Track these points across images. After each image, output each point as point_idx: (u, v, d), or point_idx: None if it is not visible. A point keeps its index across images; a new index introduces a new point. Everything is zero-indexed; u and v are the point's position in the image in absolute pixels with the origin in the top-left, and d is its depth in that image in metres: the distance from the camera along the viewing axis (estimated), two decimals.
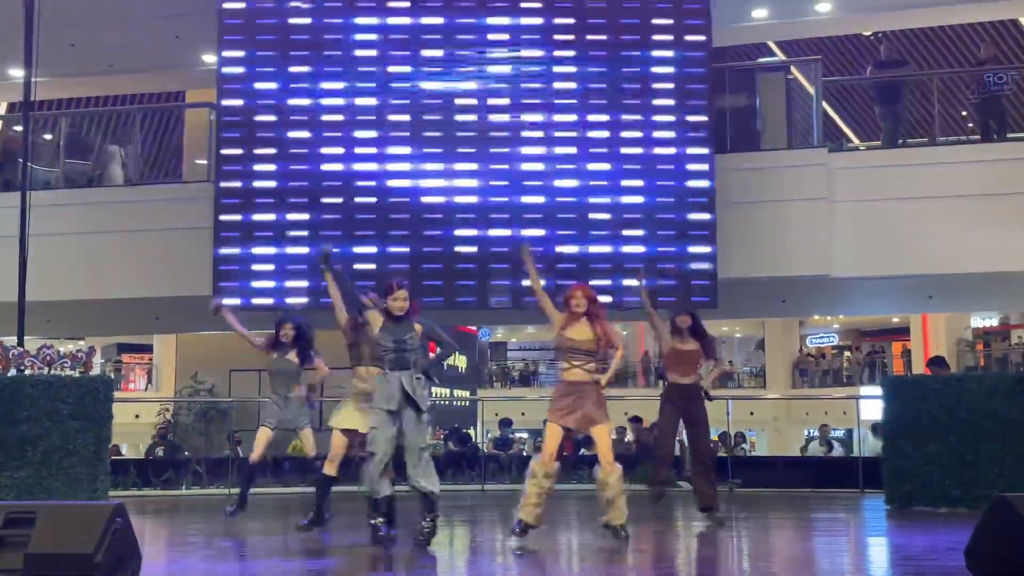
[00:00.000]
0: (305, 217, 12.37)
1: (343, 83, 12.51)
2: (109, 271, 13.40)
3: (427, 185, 12.40)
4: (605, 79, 12.40)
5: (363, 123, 12.48)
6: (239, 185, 12.46)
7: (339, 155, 12.46)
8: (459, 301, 12.28)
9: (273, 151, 12.47)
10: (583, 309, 6.90)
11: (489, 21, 12.51)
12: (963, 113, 15.35)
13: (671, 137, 12.32)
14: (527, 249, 7.44)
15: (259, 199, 12.43)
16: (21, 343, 10.70)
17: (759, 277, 12.71)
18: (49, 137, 15.07)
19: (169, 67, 16.02)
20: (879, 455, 11.00)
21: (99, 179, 14.44)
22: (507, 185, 12.36)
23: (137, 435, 20.71)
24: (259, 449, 8.44)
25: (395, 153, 12.45)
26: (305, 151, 12.47)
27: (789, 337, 30.54)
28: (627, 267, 12.10)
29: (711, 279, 12.02)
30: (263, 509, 10.12)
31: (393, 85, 12.49)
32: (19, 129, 13.43)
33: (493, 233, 12.26)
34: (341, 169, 12.43)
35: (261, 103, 12.50)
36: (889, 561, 6.62)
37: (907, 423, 9.89)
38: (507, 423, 15.15)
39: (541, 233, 12.23)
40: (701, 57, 12.42)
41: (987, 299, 17.39)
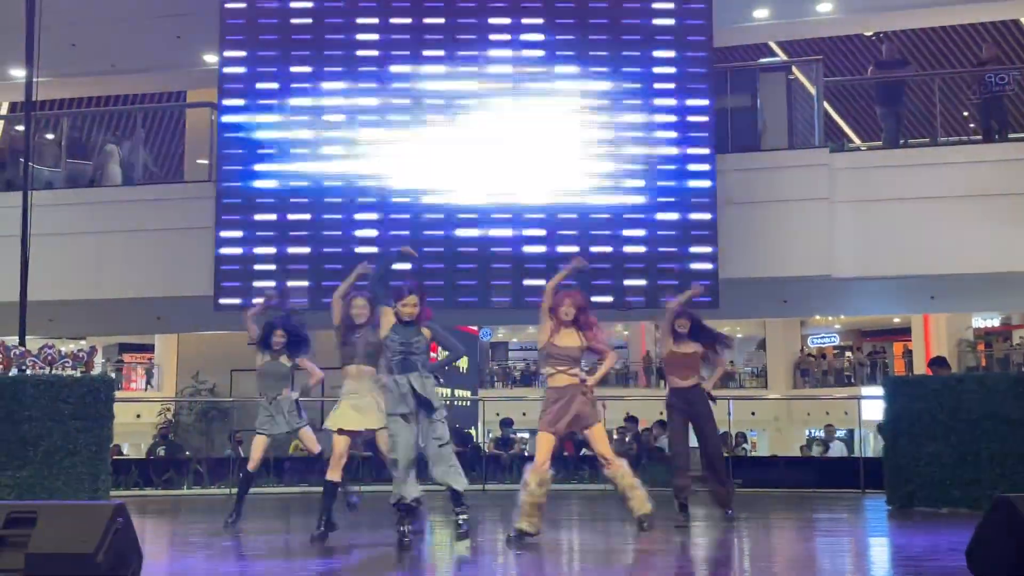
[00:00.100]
0: (306, 217, 12.39)
1: (344, 83, 12.53)
2: (110, 271, 13.41)
3: (428, 185, 12.41)
4: (606, 79, 12.41)
5: (364, 123, 12.49)
6: (240, 185, 12.48)
7: (340, 155, 12.48)
8: (460, 300, 12.29)
9: (274, 151, 12.49)
10: (570, 318, 6.97)
11: (490, 21, 12.53)
12: (965, 113, 15.35)
13: (672, 137, 12.33)
14: (579, 263, 7.43)
15: (260, 199, 12.45)
16: (23, 343, 10.70)
17: (760, 277, 12.71)
18: (51, 137, 15.08)
19: (170, 67, 16.04)
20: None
21: (99, 179, 14.45)
22: (508, 185, 12.37)
23: (138, 435, 20.74)
24: (256, 457, 8.40)
25: (396, 153, 12.46)
26: (306, 151, 12.49)
27: (790, 337, 30.53)
28: (628, 267, 12.13)
29: (712, 279, 12.02)
30: (264, 509, 10.12)
31: (394, 85, 12.51)
32: (21, 129, 13.42)
33: (494, 233, 12.28)
34: (342, 169, 12.44)
35: (262, 103, 12.52)
36: (890, 561, 6.62)
37: (908, 423, 9.88)
38: (508, 423, 15.13)
39: (542, 233, 12.25)
40: (702, 57, 12.43)
41: (988, 299, 17.38)
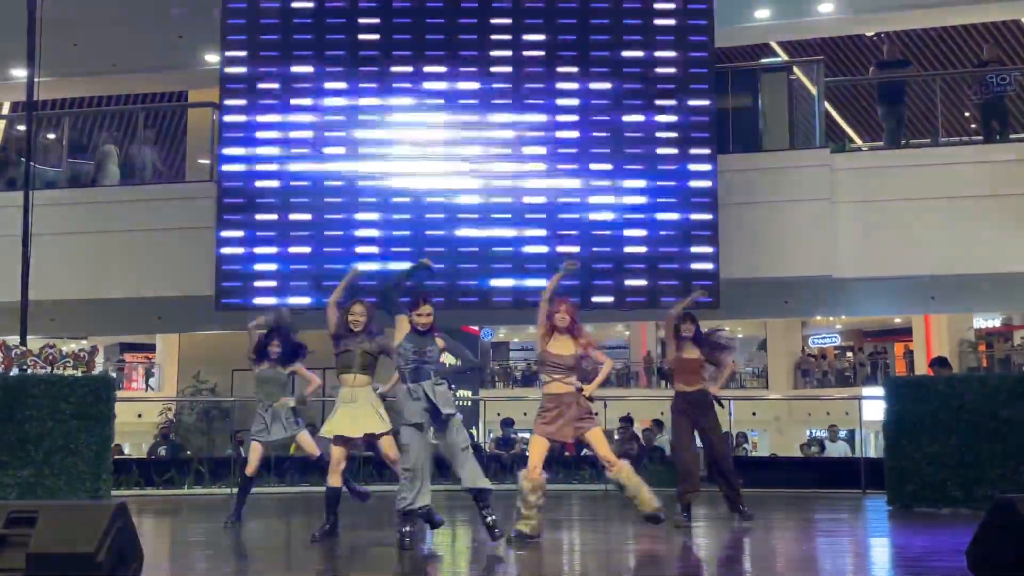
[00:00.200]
0: (307, 217, 12.39)
1: (345, 83, 12.53)
2: (112, 271, 13.42)
3: (429, 185, 12.42)
4: (607, 79, 12.41)
5: (365, 122, 12.50)
6: (241, 185, 12.48)
7: (341, 154, 12.48)
8: (461, 300, 12.29)
9: (276, 151, 12.50)
10: (566, 324, 7.02)
11: (492, 20, 12.53)
12: (966, 114, 15.35)
13: (673, 137, 12.32)
14: (572, 266, 7.43)
15: (261, 199, 12.45)
16: (24, 342, 10.71)
17: (761, 278, 12.70)
18: (52, 137, 15.09)
19: (172, 67, 16.06)
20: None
21: (99, 179, 14.44)
22: (509, 185, 12.38)
23: (139, 434, 20.74)
24: (253, 463, 8.41)
25: (397, 153, 12.47)
26: (307, 150, 12.50)
27: (791, 337, 30.53)
28: (628, 267, 12.13)
29: (713, 279, 12.02)
30: (264, 509, 10.12)
31: (395, 84, 12.51)
32: (23, 128, 13.44)
33: (495, 233, 12.27)
34: (343, 169, 12.44)
35: (263, 103, 12.53)
36: (891, 562, 6.62)
37: (909, 424, 9.87)
38: (509, 423, 15.12)
39: (543, 233, 12.25)
40: (703, 57, 12.43)
41: (989, 300, 17.38)
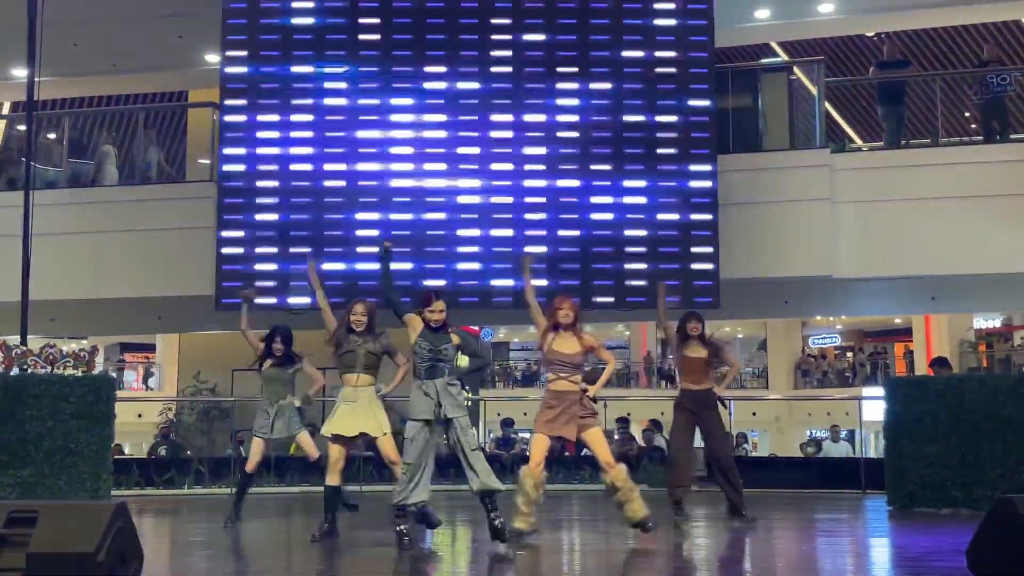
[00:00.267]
0: (308, 217, 12.39)
1: (345, 83, 12.53)
2: (112, 270, 13.42)
3: (430, 185, 12.42)
4: (608, 79, 12.41)
5: (365, 123, 12.49)
6: (242, 185, 12.48)
7: (342, 154, 12.48)
8: (461, 300, 12.28)
9: (276, 151, 12.49)
10: (571, 320, 7.00)
11: (492, 21, 12.52)
12: (966, 114, 15.36)
13: (674, 137, 12.32)
14: (529, 260, 7.54)
15: (261, 199, 12.45)
16: (24, 342, 10.71)
17: (761, 278, 12.70)
18: (53, 136, 15.09)
19: (172, 67, 16.06)
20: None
21: (99, 179, 14.44)
22: (510, 185, 12.38)
23: (139, 434, 20.75)
24: (254, 460, 8.42)
25: (398, 153, 12.47)
26: (308, 151, 12.49)
27: (791, 338, 30.53)
28: (628, 267, 12.13)
29: (713, 279, 12.02)
30: (264, 509, 10.12)
31: (395, 84, 12.50)
32: (23, 128, 13.44)
33: (495, 233, 12.27)
34: (344, 169, 12.44)
35: (264, 103, 12.52)
36: (891, 562, 6.62)
37: (909, 424, 9.87)
38: (509, 423, 15.13)
39: (543, 233, 12.25)
40: (703, 57, 12.42)
41: (990, 300, 17.39)
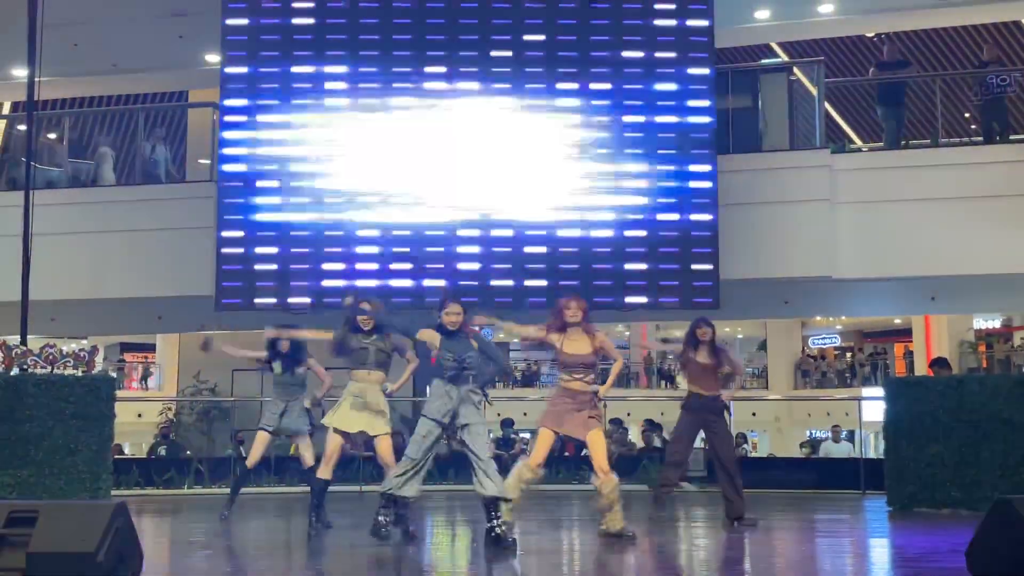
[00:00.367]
0: (307, 217, 12.39)
1: (346, 83, 12.53)
2: (112, 270, 13.41)
3: (429, 184, 12.40)
4: (608, 79, 12.41)
5: (365, 123, 12.49)
6: (242, 185, 12.48)
7: (342, 154, 12.47)
8: (461, 301, 12.26)
9: (276, 151, 12.49)
10: (578, 319, 6.98)
11: (493, 21, 12.52)
12: (966, 115, 15.36)
13: (673, 138, 12.32)
14: (482, 319, 7.30)
15: (261, 199, 12.45)
16: (24, 342, 10.71)
17: (761, 278, 12.70)
18: (53, 136, 15.09)
19: (172, 67, 16.04)
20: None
21: (97, 179, 14.44)
22: (510, 185, 12.37)
23: (139, 434, 20.74)
24: (256, 453, 8.42)
25: (398, 153, 12.45)
26: (308, 151, 12.49)
27: (791, 338, 30.49)
28: (628, 268, 12.15)
29: (713, 280, 12.03)
30: (264, 509, 10.13)
31: (396, 85, 12.50)
32: (23, 128, 13.44)
33: (495, 233, 12.27)
34: (344, 168, 12.44)
35: (264, 103, 12.52)
36: (890, 562, 6.62)
37: (909, 424, 9.88)
38: (509, 423, 15.12)
39: (542, 233, 12.25)
40: (704, 58, 12.42)
41: (989, 301, 17.38)
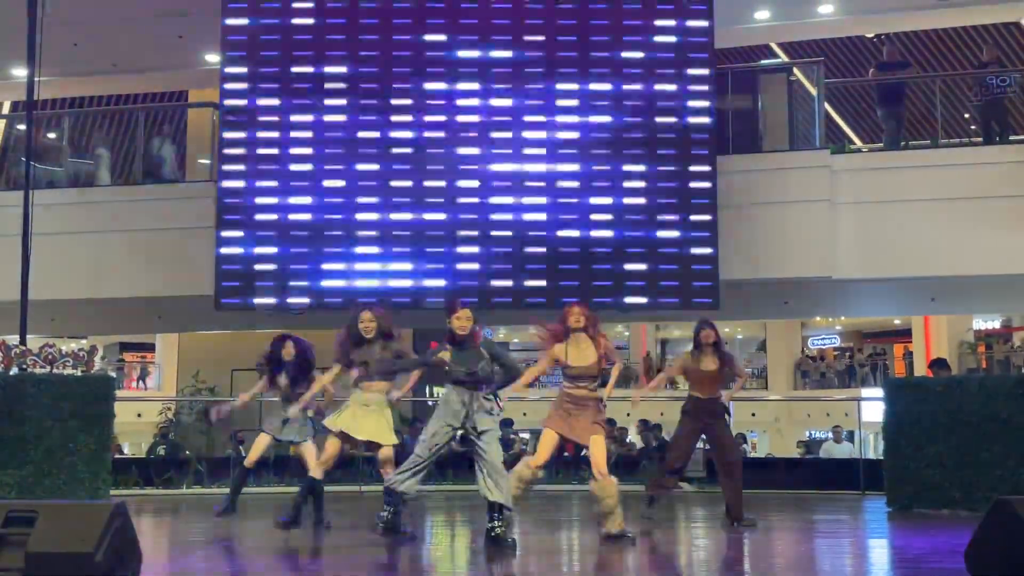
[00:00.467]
0: (307, 217, 12.39)
1: (345, 84, 12.53)
2: (112, 270, 13.41)
3: (429, 184, 12.41)
4: (608, 80, 12.41)
5: (365, 123, 12.49)
6: (242, 185, 12.48)
7: (341, 154, 12.48)
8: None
9: (275, 151, 12.49)
10: (582, 324, 7.00)
11: (492, 22, 12.52)
12: (966, 115, 15.36)
13: (673, 138, 12.32)
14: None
15: (261, 199, 12.45)
16: (23, 342, 10.71)
17: (761, 279, 12.71)
18: (53, 136, 15.09)
19: (172, 67, 16.06)
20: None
21: (95, 181, 14.44)
22: (509, 185, 12.38)
23: (139, 434, 20.73)
24: (255, 454, 8.37)
25: (398, 153, 12.46)
26: (308, 151, 12.49)
27: (791, 338, 30.48)
28: (628, 268, 12.15)
29: (713, 280, 12.03)
30: (264, 509, 10.11)
31: (395, 85, 12.50)
32: (23, 128, 13.44)
33: (494, 233, 12.27)
34: (343, 168, 12.44)
35: (263, 103, 12.52)
36: (890, 563, 6.63)
37: (908, 425, 9.89)
38: (508, 423, 15.11)
39: (542, 233, 12.25)
40: (703, 58, 12.43)
41: (989, 301, 17.38)
